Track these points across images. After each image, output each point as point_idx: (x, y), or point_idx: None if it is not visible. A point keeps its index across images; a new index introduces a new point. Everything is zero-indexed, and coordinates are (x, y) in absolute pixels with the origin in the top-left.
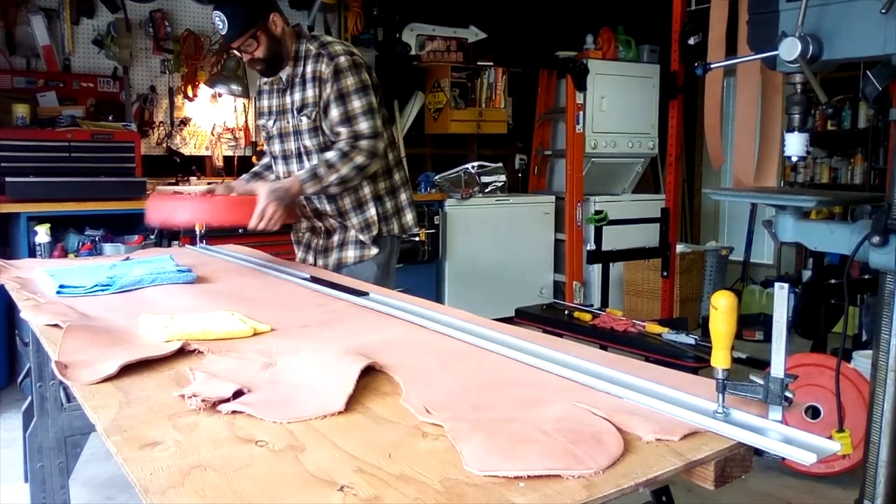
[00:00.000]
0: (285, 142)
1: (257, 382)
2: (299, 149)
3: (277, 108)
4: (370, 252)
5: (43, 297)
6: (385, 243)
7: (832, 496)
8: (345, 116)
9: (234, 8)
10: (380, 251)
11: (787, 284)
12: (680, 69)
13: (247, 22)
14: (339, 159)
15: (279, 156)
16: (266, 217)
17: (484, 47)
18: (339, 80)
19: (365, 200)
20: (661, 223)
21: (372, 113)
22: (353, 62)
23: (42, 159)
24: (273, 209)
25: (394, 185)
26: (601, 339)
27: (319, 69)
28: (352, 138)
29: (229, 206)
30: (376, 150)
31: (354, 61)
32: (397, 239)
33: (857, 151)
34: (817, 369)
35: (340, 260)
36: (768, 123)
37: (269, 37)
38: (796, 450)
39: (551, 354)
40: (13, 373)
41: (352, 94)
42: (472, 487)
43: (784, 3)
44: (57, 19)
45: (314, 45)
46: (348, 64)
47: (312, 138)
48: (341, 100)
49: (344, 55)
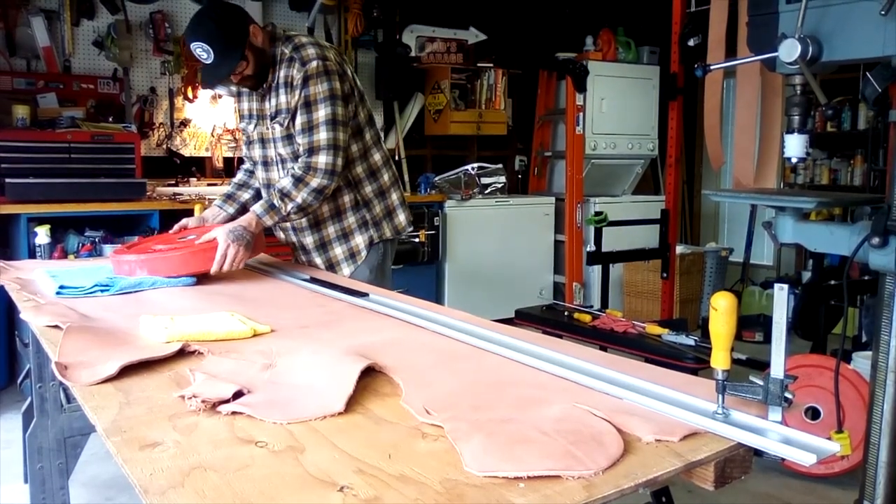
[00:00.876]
0: (266, 147)
1: (257, 383)
2: (278, 155)
3: (257, 111)
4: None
5: (43, 297)
6: (378, 247)
7: (832, 497)
8: (307, 125)
9: (218, 35)
10: (370, 254)
11: (786, 285)
12: (680, 70)
13: (236, 48)
14: (294, 186)
15: (259, 161)
16: (228, 260)
17: (484, 49)
18: (307, 86)
19: (350, 230)
20: (660, 224)
21: (334, 124)
22: (324, 68)
23: (42, 160)
24: (234, 251)
25: (382, 186)
26: (601, 340)
27: (291, 74)
28: (307, 155)
29: (188, 259)
30: (335, 167)
31: (326, 67)
32: (391, 242)
33: (857, 153)
34: (817, 370)
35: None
36: (768, 125)
37: (254, 52)
38: (796, 450)
39: (551, 355)
40: (13, 374)
41: (318, 103)
42: (472, 488)
43: (784, 5)
44: (57, 21)
45: (288, 49)
46: (319, 70)
47: (286, 146)
48: (306, 108)
49: (316, 59)
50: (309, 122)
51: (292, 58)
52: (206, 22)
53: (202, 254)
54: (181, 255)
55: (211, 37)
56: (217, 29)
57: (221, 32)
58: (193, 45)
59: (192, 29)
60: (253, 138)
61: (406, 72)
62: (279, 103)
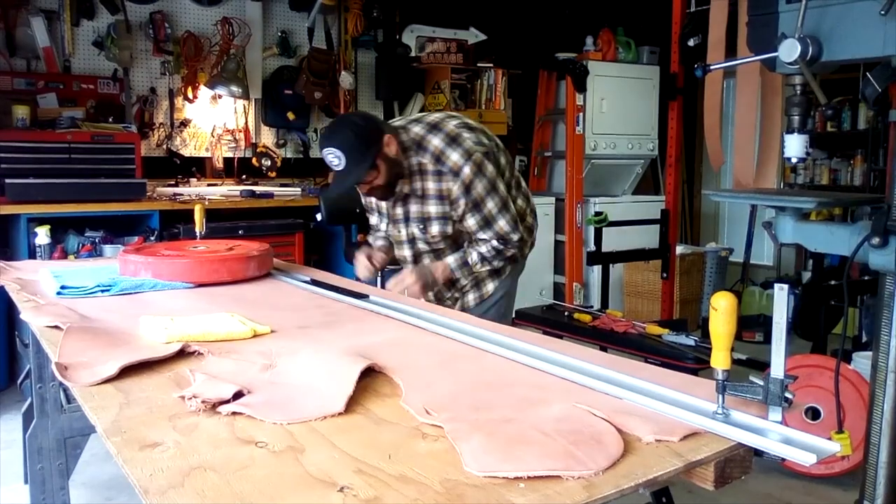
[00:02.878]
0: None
1: (257, 384)
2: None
3: (387, 210)
4: (488, 290)
5: (43, 298)
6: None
7: (832, 497)
8: (483, 223)
9: (353, 144)
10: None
11: (786, 286)
12: (680, 70)
13: (368, 158)
14: (493, 256)
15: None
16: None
17: (484, 49)
18: (470, 192)
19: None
20: (660, 224)
21: (506, 207)
22: (477, 167)
23: (42, 161)
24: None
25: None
26: (601, 340)
27: (447, 188)
28: (498, 238)
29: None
30: (523, 241)
31: (478, 164)
32: (524, 259)
33: (857, 153)
34: (817, 370)
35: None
36: (768, 125)
37: (387, 162)
38: (796, 450)
39: (551, 355)
40: (13, 374)
41: (485, 199)
42: (472, 488)
43: (784, 5)
44: (57, 21)
45: (426, 159)
46: (474, 171)
47: (428, 243)
48: (476, 208)
49: (466, 164)
50: (484, 218)
51: (440, 171)
52: (343, 130)
53: (208, 264)
54: (187, 263)
55: (345, 145)
56: (353, 138)
57: (357, 142)
58: (326, 151)
59: (328, 135)
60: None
61: (406, 72)
62: (425, 211)
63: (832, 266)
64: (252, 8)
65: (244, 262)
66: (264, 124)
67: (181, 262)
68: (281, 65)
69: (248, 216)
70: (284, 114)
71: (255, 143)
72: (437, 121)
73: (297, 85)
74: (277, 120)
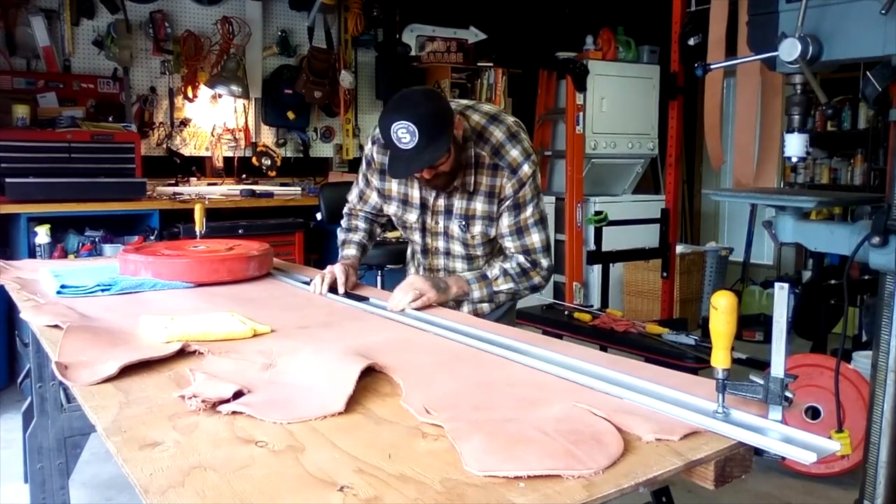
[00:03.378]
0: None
1: (257, 383)
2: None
3: (419, 201)
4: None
5: (43, 297)
6: None
7: (832, 497)
8: (515, 227)
9: (430, 118)
10: None
11: (787, 285)
12: (680, 70)
13: (444, 136)
14: (518, 275)
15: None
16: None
17: (484, 48)
18: (518, 192)
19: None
20: (660, 224)
21: (543, 223)
22: (534, 169)
23: (42, 160)
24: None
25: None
26: (601, 339)
27: (500, 184)
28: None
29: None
30: (550, 269)
31: (535, 164)
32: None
33: (857, 152)
34: (817, 370)
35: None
36: (768, 124)
37: (455, 146)
38: (796, 449)
39: (551, 355)
40: (13, 373)
41: (527, 205)
42: (472, 488)
43: (784, 4)
44: (57, 20)
45: (486, 151)
46: (532, 171)
47: (466, 244)
48: (515, 209)
49: (525, 162)
50: (518, 223)
51: (496, 165)
52: (417, 101)
53: (208, 264)
54: (187, 263)
55: (421, 118)
56: (429, 113)
57: (432, 119)
58: (396, 125)
59: (398, 106)
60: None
61: (406, 71)
62: (471, 209)
63: (832, 265)
64: (252, 7)
65: (244, 262)
66: (264, 124)
67: (181, 262)
68: (281, 64)
69: (247, 216)
70: (284, 113)
71: (255, 142)
72: (495, 112)
73: (297, 84)
74: (277, 119)
